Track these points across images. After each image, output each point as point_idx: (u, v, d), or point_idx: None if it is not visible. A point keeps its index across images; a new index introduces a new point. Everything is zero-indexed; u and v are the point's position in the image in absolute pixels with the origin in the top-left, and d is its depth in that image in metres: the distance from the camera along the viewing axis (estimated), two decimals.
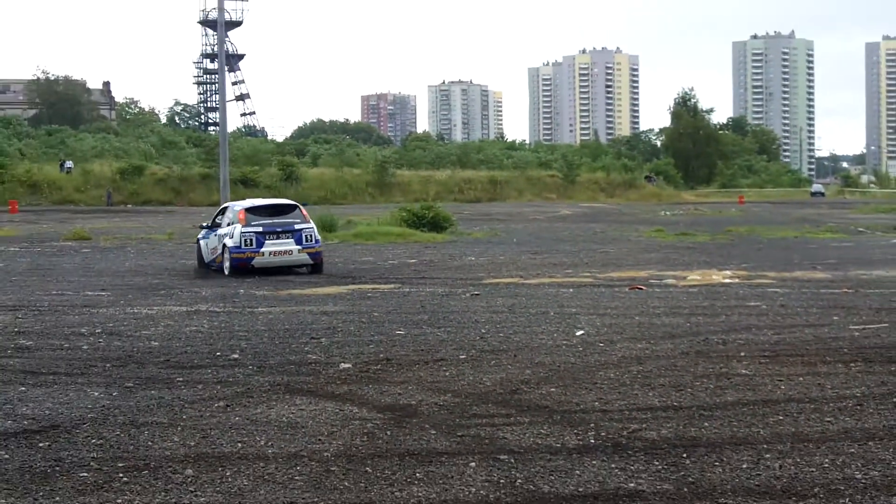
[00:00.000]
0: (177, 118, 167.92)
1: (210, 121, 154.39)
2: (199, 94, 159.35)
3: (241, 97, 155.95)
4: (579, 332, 15.06)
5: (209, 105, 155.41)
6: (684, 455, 8.36)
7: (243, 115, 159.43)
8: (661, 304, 18.59)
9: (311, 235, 26.45)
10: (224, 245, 26.34)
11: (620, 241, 38.35)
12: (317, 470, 8.12)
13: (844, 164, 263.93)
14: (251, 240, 25.95)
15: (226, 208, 28.33)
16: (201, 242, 28.47)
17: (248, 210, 26.83)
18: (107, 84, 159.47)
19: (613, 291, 21.07)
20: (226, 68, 56.47)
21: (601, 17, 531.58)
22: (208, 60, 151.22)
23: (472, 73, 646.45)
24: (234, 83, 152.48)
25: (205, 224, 29.47)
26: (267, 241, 26.03)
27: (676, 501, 7.28)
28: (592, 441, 8.85)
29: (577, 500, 7.35)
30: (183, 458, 8.50)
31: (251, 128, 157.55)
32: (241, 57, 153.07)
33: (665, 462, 8.18)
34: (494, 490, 7.57)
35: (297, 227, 26.44)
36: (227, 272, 25.93)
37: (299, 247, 26.18)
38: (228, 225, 26.72)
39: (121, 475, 8.06)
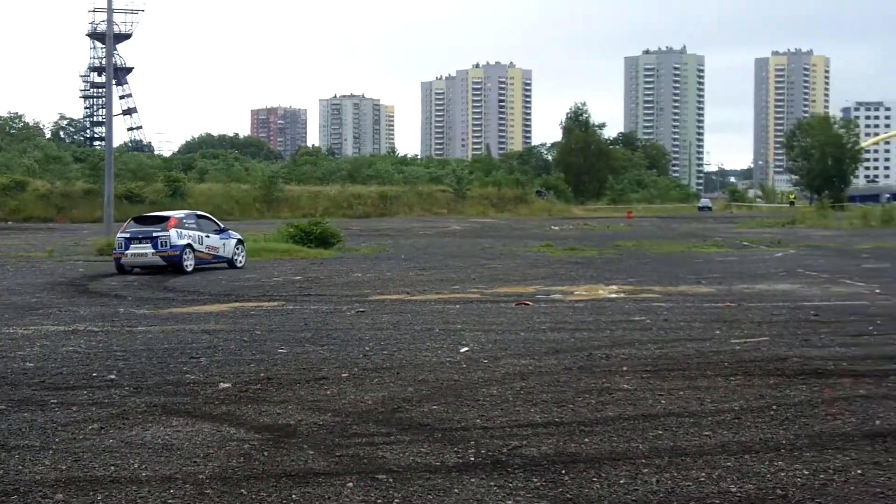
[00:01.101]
0: (62, 133, 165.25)
1: (96, 135, 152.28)
2: (86, 108, 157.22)
3: (129, 111, 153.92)
4: (464, 349, 15.03)
5: (95, 119, 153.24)
6: (563, 471, 8.34)
7: (130, 129, 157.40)
8: (547, 320, 18.66)
9: (166, 242, 31.96)
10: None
11: (509, 257, 38.52)
12: (191, 493, 7.94)
13: (732, 179, 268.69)
14: (122, 243, 32.36)
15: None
16: None
17: (134, 220, 33.69)
18: None
19: (500, 307, 21.11)
20: (113, 82, 55.60)
21: (495, 32, 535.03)
22: (96, 74, 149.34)
23: (365, 87, 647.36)
24: (122, 97, 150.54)
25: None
26: (132, 245, 32.13)
27: None
28: (472, 459, 8.80)
29: None
30: (54, 483, 8.25)
31: (138, 143, 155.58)
32: (129, 70, 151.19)
33: (544, 479, 8.16)
34: None
35: (154, 234, 32.06)
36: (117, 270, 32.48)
37: (154, 250, 31.91)
38: None
39: None
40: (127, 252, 31.97)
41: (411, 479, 8.22)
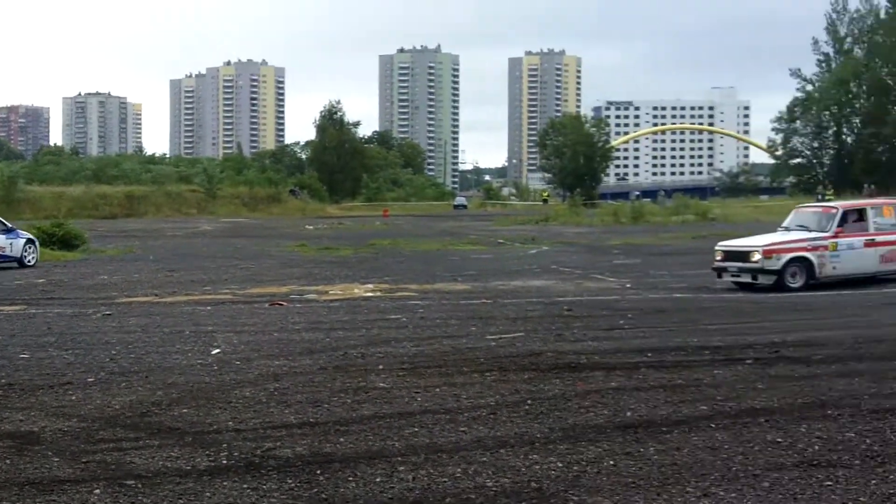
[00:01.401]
0: None
1: None
2: None
3: None
4: (215, 351, 14.71)
5: None
6: (318, 472, 8.21)
7: None
8: (302, 320, 18.48)
9: None
10: None
11: (262, 257, 38.10)
12: None
13: (487, 177, 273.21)
14: None
15: None
16: None
17: None
18: None
19: (253, 308, 20.80)
20: None
21: (246, 29, 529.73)
22: None
23: (111, 85, 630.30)
24: None
25: None
26: None
27: None
28: (224, 462, 8.57)
29: None
30: None
31: None
32: None
33: (298, 479, 8.00)
34: None
35: None
36: None
37: None
38: None
39: None
40: None
41: (161, 483, 7.95)
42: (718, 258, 24.38)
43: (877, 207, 24.73)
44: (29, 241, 34.81)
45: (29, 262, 34.17)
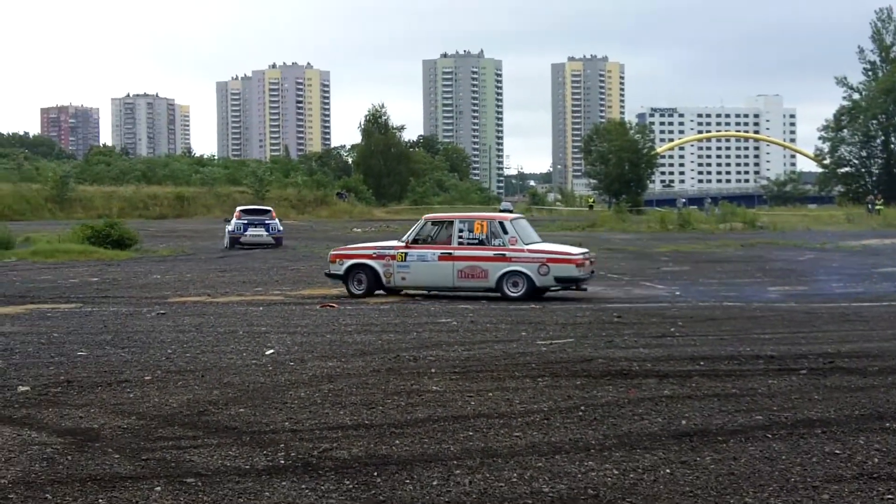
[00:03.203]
0: None
1: None
2: None
3: None
4: (269, 351, 14.82)
5: None
6: (375, 473, 8.27)
7: None
8: (353, 322, 18.56)
9: (274, 227, 46.57)
10: (227, 230, 46.44)
11: (312, 259, 38.23)
12: None
13: (532, 182, 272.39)
14: (241, 227, 45.63)
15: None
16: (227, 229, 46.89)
17: (242, 211, 47.80)
18: None
19: (304, 309, 20.92)
20: None
21: (291, 33, 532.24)
22: None
23: (158, 87, 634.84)
24: None
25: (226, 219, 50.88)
26: (249, 228, 45.71)
27: None
28: (282, 462, 8.64)
29: None
30: None
31: None
32: None
33: (356, 481, 8.06)
34: None
35: (266, 222, 46.50)
36: (227, 245, 45.22)
37: (267, 233, 45.90)
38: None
39: None
40: (246, 233, 45.97)
41: (221, 482, 8.04)
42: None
43: (466, 221, 23.79)
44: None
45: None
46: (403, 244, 23.67)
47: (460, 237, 23.29)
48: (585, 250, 24.41)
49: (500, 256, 22.87)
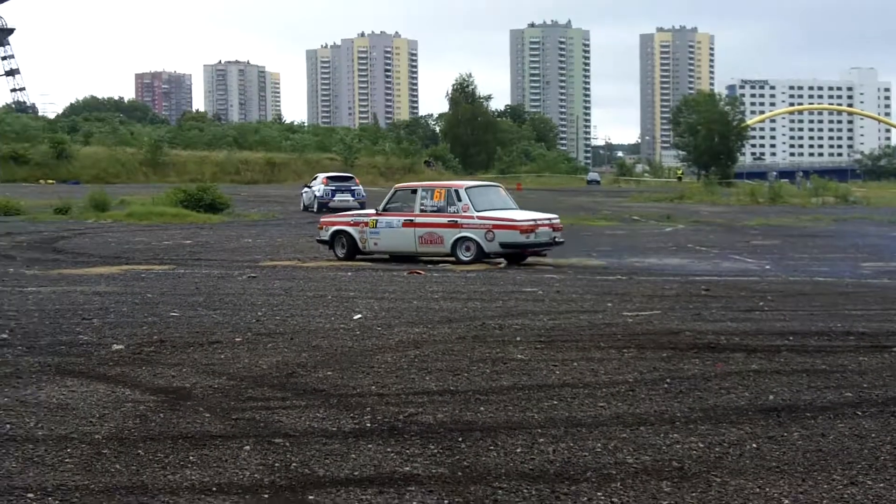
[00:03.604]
0: None
1: None
2: None
3: (11, 72, 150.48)
4: (357, 316, 14.95)
5: None
6: (460, 439, 8.32)
7: (13, 90, 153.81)
8: (440, 289, 18.65)
9: (359, 193, 50.29)
10: (313, 195, 50.04)
11: None
12: (87, 452, 7.79)
13: (620, 154, 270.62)
14: (329, 193, 49.44)
15: (316, 177, 53.45)
16: (303, 195, 52.23)
17: (329, 178, 51.63)
18: None
19: (392, 275, 21.06)
20: None
21: (380, 1, 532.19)
22: None
23: (249, 54, 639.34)
24: (4, 58, 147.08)
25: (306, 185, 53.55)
26: (337, 194, 49.55)
27: (451, 485, 7.22)
28: (368, 425, 8.74)
29: (352, 484, 7.21)
30: None
31: (21, 104, 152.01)
32: (10, 31, 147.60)
33: (440, 446, 8.12)
34: (269, 473, 7.38)
35: (352, 188, 50.79)
36: (314, 210, 47.35)
37: (353, 198, 49.08)
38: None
39: None
40: (335, 198, 49.08)
41: (308, 443, 8.14)
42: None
43: (428, 189, 24.70)
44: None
45: None
46: (375, 212, 24.96)
47: (423, 205, 24.35)
48: (540, 217, 24.75)
49: (453, 223, 23.86)
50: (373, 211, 25.27)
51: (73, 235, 31.22)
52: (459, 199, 23.97)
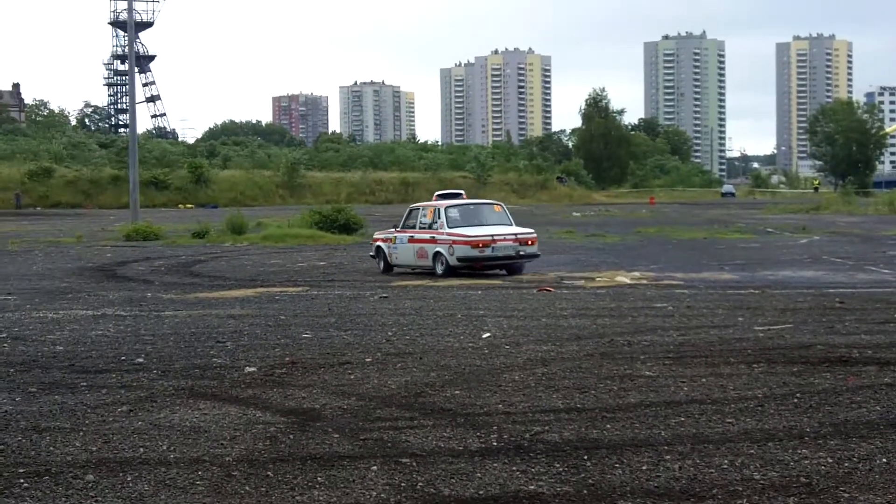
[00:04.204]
0: (87, 120, 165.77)
1: (120, 122, 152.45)
2: (110, 95, 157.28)
3: (152, 99, 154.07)
4: (486, 335, 15.06)
5: (120, 107, 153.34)
6: (585, 457, 8.37)
7: (154, 116, 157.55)
8: (569, 306, 18.66)
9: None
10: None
11: None
12: (218, 474, 8.03)
13: (755, 165, 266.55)
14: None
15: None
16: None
17: (438, 195, 28.42)
18: (16, 86, 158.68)
19: (522, 293, 21.13)
20: (136, 70, 55.85)
21: (512, 18, 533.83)
22: (119, 62, 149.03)
23: (384, 74, 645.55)
24: (145, 84, 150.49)
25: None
26: None
27: (575, 503, 7.29)
28: (495, 443, 8.84)
29: (478, 503, 7.33)
30: (84, 464, 8.36)
31: (161, 129, 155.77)
32: (151, 58, 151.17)
33: (566, 464, 8.19)
34: (395, 493, 7.52)
35: None
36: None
37: None
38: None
39: (21, 481, 7.92)
40: None
41: (435, 462, 8.28)
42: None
43: (425, 209, 26.24)
44: None
45: None
46: (394, 229, 26.66)
47: (421, 223, 26.00)
48: (503, 232, 25.32)
49: (432, 239, 25.49)
50: (395, 229, 26.66)
51: (209, 259, 31.96)
52: (439, 217, 25.51)
